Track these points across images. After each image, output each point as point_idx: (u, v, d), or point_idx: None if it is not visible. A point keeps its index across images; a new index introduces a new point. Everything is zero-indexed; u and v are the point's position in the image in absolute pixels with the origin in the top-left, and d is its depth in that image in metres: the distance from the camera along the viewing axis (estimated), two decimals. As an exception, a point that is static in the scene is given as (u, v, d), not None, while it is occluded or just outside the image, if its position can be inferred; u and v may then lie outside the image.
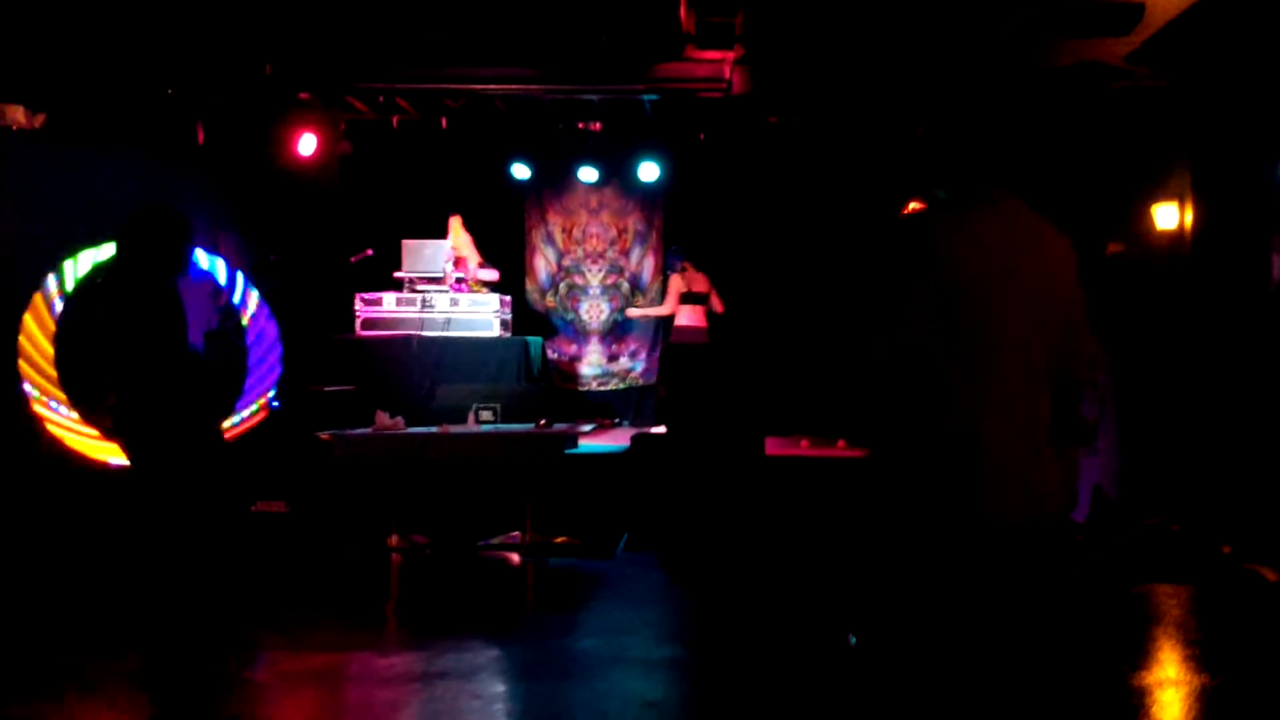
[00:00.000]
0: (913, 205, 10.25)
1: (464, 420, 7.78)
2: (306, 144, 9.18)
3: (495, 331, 9.77)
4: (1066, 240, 2.62)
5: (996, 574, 2.49)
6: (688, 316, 10.10)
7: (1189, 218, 6.96)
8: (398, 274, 9.91)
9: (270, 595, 6.27)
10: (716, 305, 10.10)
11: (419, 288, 9.82)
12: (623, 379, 11.44)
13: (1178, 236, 7.03)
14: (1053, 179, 8.95)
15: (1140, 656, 5.04)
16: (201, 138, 8.45)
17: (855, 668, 3.19)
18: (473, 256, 10.19)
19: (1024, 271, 2.51)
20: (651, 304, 11.40)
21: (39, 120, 7.32)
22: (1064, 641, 5.22)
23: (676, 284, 10.17)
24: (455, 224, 10.26)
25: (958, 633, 2.50)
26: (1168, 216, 7.05)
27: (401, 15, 7.40)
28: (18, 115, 7.23)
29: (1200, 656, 4.97)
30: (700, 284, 10.13)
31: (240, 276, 8.48)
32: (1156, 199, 7.14)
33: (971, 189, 2.59)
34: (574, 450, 7.59)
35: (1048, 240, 2.58)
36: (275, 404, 7.71)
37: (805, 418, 8.84)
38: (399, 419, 7.58)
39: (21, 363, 7.25)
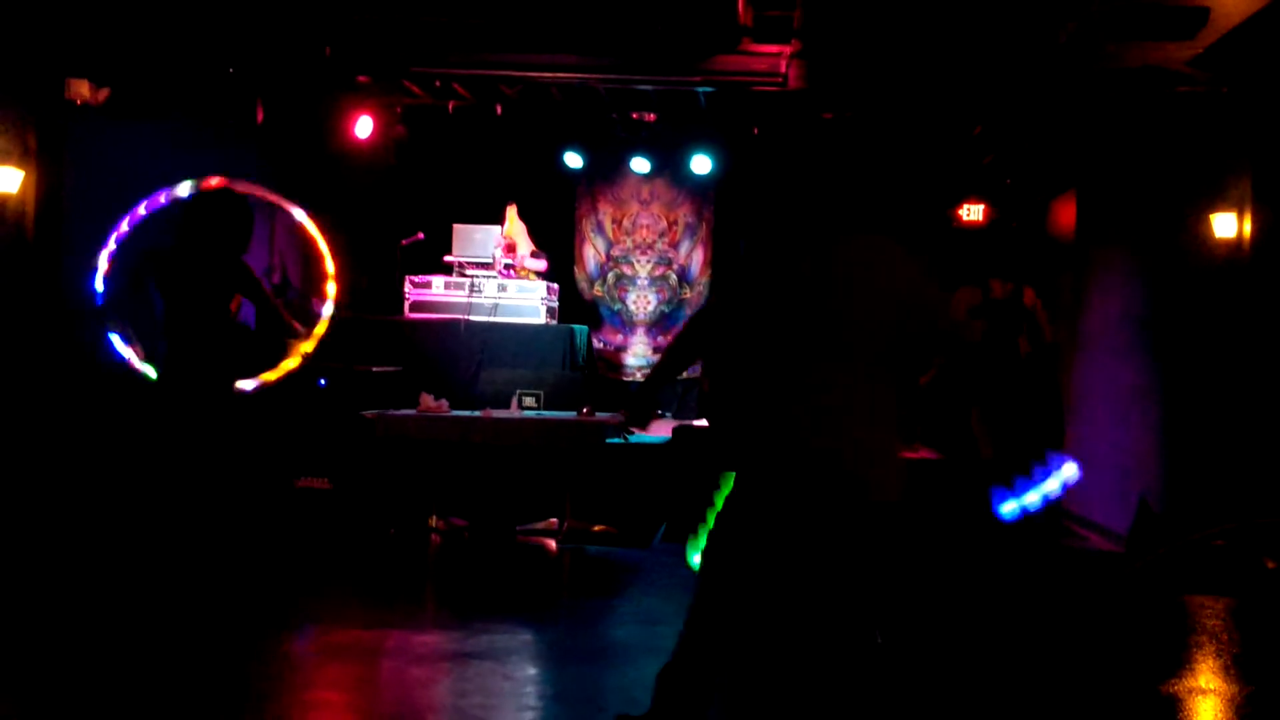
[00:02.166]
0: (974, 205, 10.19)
1: (507, 405, 7.82)
2: (363, 126, 9.27)
3: (542, 319, 9.81)
4: (914, 264, 3.27)
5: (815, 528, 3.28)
6: None
7: (1248, 227, 6.84)
8: (448, 258, 9.98)
9: (311, 570, 6.36)
10: None
11: (468, 272, 9.88)
12: (667, 371, 11.43)
13: (1235, 246, 6.92)
14: (1110, 183, 8.86)
15: (1177, 665, 4.98)
16: (261, 117, 8.55)
17: (882, 662, 3.20)
18: (525, 244, 10.23)
19: (871, 292, 3.19)
20: (699, 297, 11.40)
21: (103, 95, 7.45)
22: (1102, 648, 5.18)
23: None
24: (511, 213, 10.30)
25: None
26: (1226, 225, 6.93)
27: (460, 1, 7.44)
28: (82, 90, 7.36)
29: (1237, 667, 4.91)
30: None
31: None
32: (1215, 207, 7.02)
33: (837, 226, 3.39)
34: (615, 440, 7.61)
35: (896, 267, 3.24)
36: (321, 382, 7.79)
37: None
38: (443, 402, 7.64)
39: None
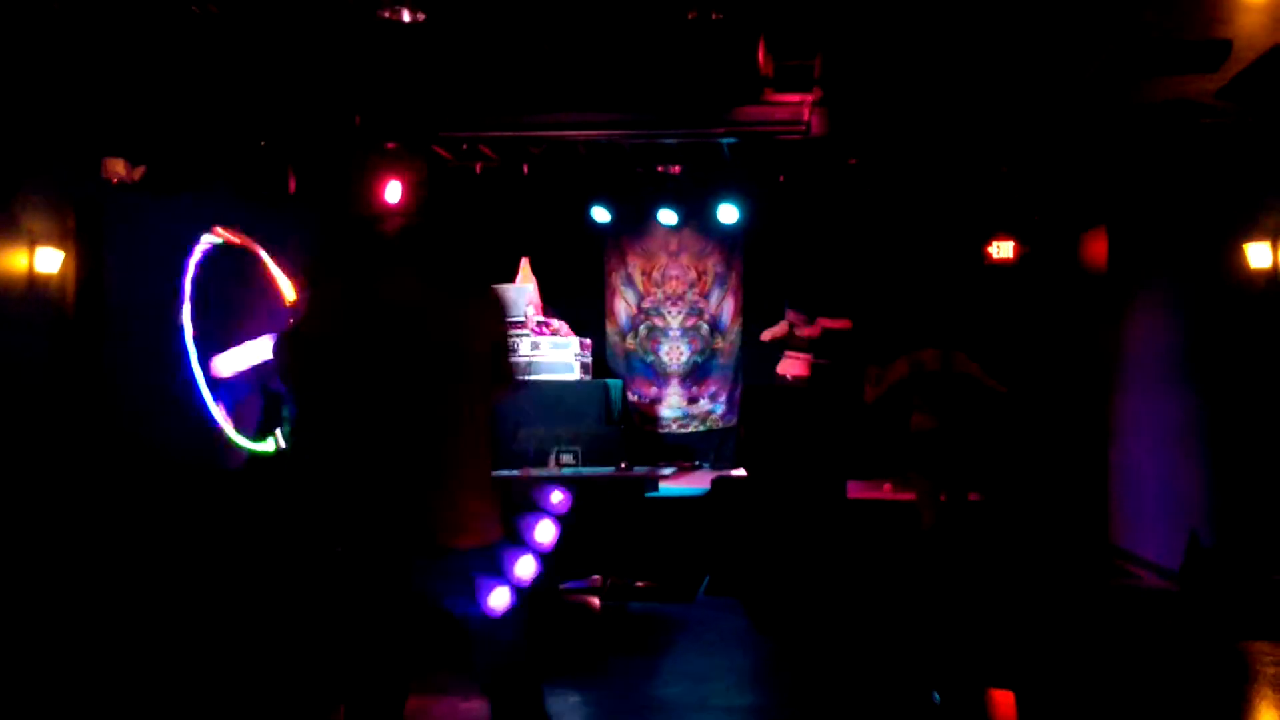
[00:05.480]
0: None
1: (546, 463, 7.83)
2: (393, 191, 9.37)
3: (576, 374, 9.83)
4: (481, 297, 2.98)
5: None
6: (788, 365, 10.13)
7: (1283, 256, 6.80)
8: (480, 318, 10.03)
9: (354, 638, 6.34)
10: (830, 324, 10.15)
11: (501, 331, 9.92)
12: (703, 421, 11.42)
13: (1271, 275, 6.87)
14: (1142, 216, 8.82)
15: (1237, 715, 4.87)
16: (293, 186, 8.67)
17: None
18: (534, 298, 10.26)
19: (427, 329, 2.84)
20: (732, 346, 11.41)
21: (139, 173, 7.57)
22: (1161, 695, 5.08)
23: (789, 318, 10.21)
24: (525, 266, 10.38)
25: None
26: (1260, 255, 6.89)
27: (484, 66, 7.54)
28: (119, 168, 7.48)
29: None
30: (803, 333, 10.17)
31: None
32: (1249, 237, 6.98)
33: (374, 264, 2.94)
34: (654, 494, 7.60)
35: (454, 301, 2.91)
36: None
37: (888, 461, 8.73)
38: (482, 462, 7.65)
39: None
